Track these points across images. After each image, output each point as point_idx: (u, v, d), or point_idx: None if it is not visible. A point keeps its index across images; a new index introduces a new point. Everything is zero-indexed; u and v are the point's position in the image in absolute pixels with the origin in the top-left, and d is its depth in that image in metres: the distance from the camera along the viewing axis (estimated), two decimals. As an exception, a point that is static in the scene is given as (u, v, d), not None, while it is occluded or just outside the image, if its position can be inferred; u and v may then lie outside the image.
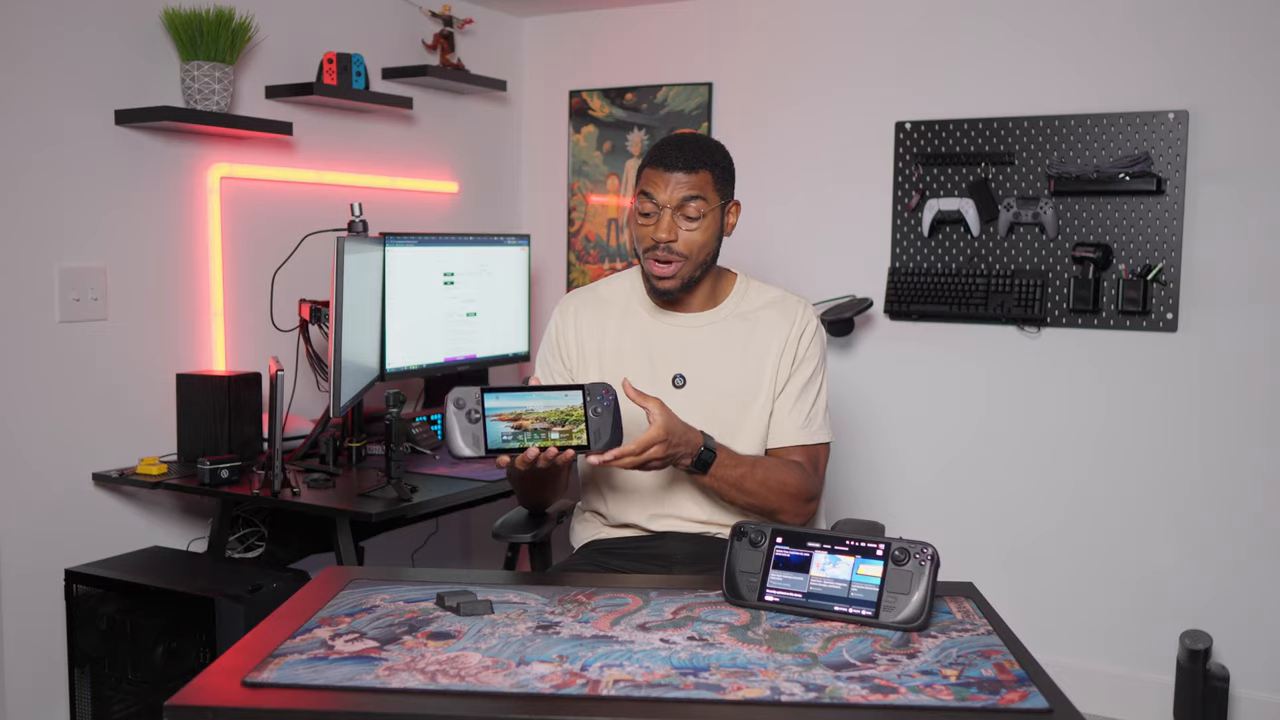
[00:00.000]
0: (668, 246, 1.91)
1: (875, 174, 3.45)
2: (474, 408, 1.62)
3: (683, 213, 1.91)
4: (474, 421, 1.62)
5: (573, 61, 3.96)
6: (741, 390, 1.99)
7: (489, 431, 1.62)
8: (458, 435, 1.61)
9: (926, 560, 1.47)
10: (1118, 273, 3.12)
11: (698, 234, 1.92)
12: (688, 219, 1.91)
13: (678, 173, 1.90)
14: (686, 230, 1.91)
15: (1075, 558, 3.26)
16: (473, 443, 1.62)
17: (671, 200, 1.90)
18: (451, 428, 1.61)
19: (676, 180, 1.90)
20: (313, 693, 1.24)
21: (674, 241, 1.91)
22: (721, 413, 1.97)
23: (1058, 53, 3.20)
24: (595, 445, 1.67)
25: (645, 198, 1.93)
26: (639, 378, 1.99)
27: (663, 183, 1.91)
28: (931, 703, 1.23)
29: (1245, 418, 3.04)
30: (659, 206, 1.91)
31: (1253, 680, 3.05)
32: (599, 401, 1.67)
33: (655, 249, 1.92)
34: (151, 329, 2.83)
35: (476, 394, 1.62)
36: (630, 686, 1.26)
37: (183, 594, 2.40)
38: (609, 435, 1.67)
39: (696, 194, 1.91)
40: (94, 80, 2.67)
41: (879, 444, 3.52)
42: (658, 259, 1.93)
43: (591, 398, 1.67)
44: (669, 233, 1.90)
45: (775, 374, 2.01)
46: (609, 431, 1.67)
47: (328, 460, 2.77)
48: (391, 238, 3.08)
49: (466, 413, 1.62)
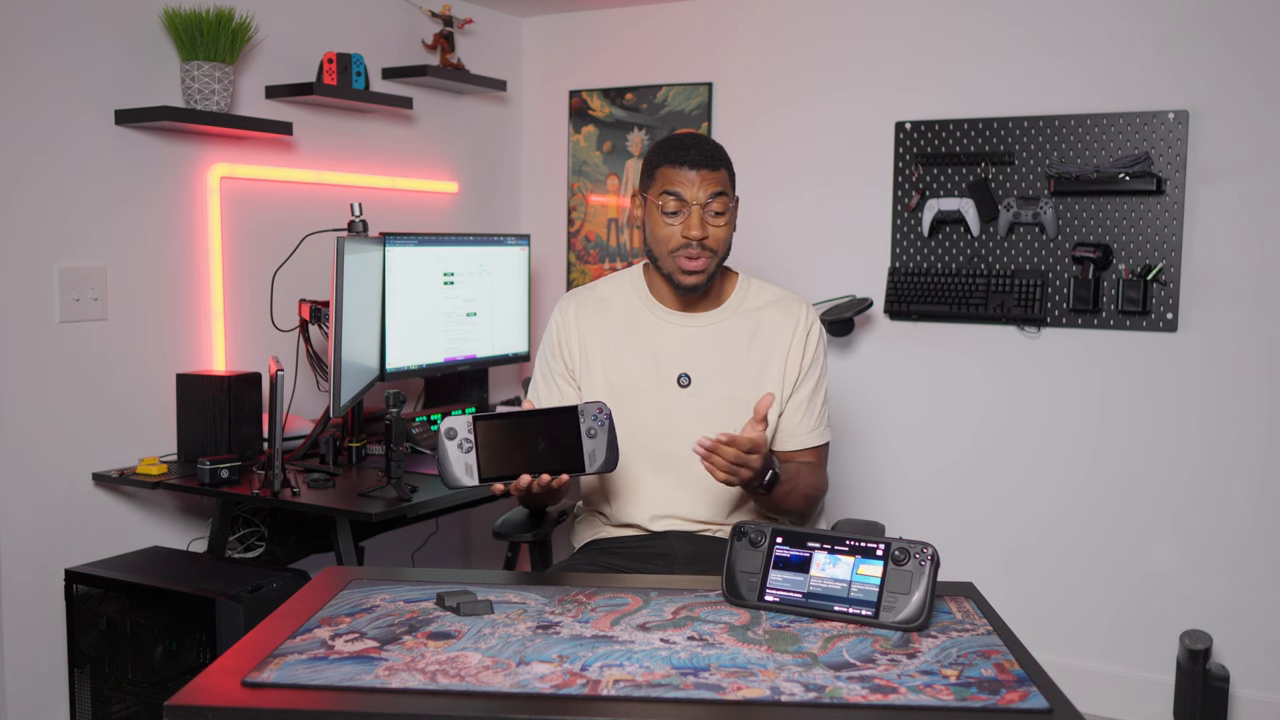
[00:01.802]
0: (700, 244, 1.93)
1: (875, 174, 3.45)
2: (466, 437, 1.60)
3: (711, 209, 1.94)
4: (466, 451, 1.60)
5: (573, 61, 3.96)
6: (746, 390, 2.00)
7: (482, 459, 1.61)
8: (451, 465, 1.60)
9: (926, 560, 1.47)
10: (1118, 273, 3.12)
11: (724, 229, 1.96)
12: (716, 214, 1.95)
13: (703, 169, 1.94)
14: (715, 226, 1.95)
15: (1075, 558, 3.26)
16: (466, 472, 1.61)
17: (700, 198, 1.93)
18: (444, 458, 1.60)
19: (703, 178, 1.93)
20: (313, 693, 1.24)
21: (706, 237, 1.93)
22: (726, 412, 1.97)
23: (1058, 53, 3.20)
24: (591, 467, 1.64)
25: (670, 197, 1.94)
26: (643, 377, 1.99)
27: (688, 181, 1.93)
28: (931, 703, 1.23)
29: (1245, 418, 3.04)
30: (687, 204, 1.93)
31: (1253, 680, 3.05)
32: (594, 421, 1.64)
33: (687, 246, 1.94)
34: (151, 329, 2.83)
35: (468, 423, 1.60)
36: (630, 686, 1.26)
37: (183, 594, 2.40)
38: (604, 456, 1.64)
39: (721, 190, 1.95)
40: (94, 80, 2.67)
41: (879, 444, 3.52)
42: (689, 256, 1.94)
43: (585, 418, 1.64)
44: (701, 229, 1.93)
45: (782, 376, 2.02)
46: (604, 452, 1.64)
47: (328, 460, 2.77)
48: (391, 238, 3.08)
49: (458, 443, 1.60)
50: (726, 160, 1.99)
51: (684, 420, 1.97)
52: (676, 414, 1.98)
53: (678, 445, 1.95)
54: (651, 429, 1.99)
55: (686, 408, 1.96)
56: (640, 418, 1.98)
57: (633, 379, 2.00)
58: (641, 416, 1.98)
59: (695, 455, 1.94)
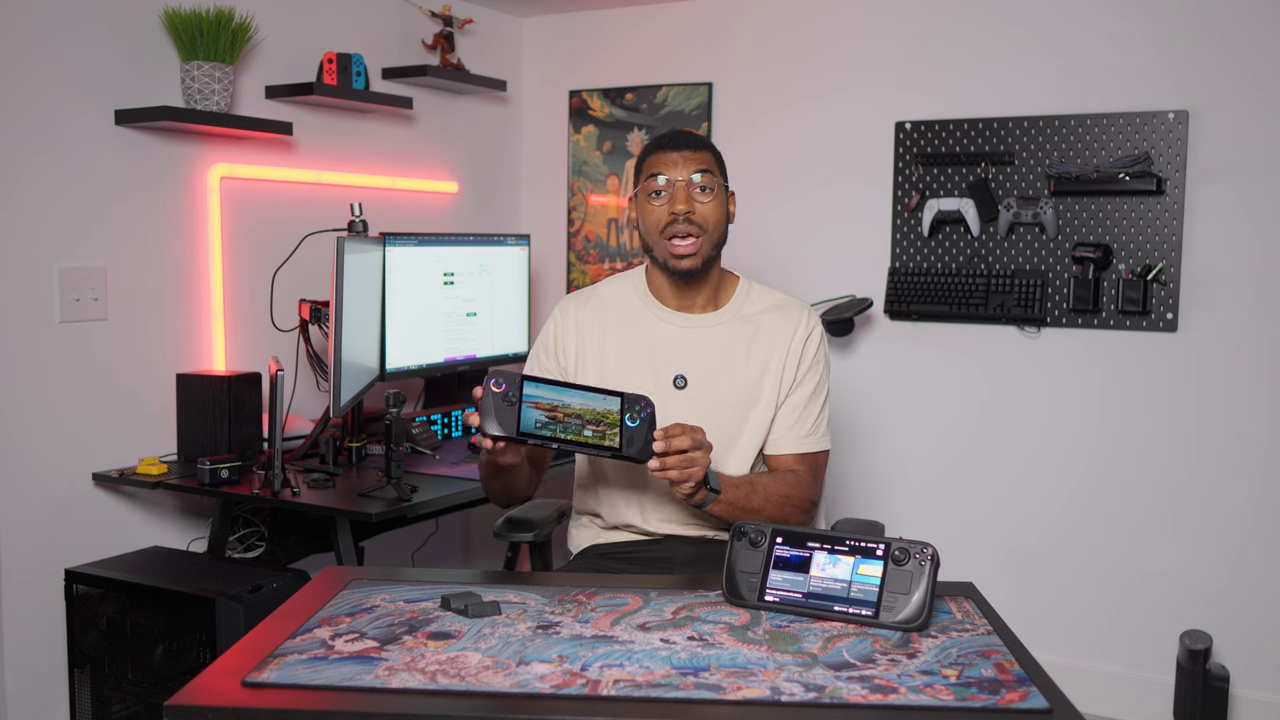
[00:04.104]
0: (686, 218, 1.93)
1: (875, 174, 3.45)
2: (513, 391, 1.61)
3: (697, 185, 1.95)
4: (510, 404, 1.61)
5: (573, 61, 3.96)
6: (743, 394, 1.99)
7: (524, 416, 1.61)
8: (493, 415, 1.60)
9: (926, 560, 1.47)
10: (1118, 273, 3.12)
11: (712, 206, 1.96)
12: (702, 190, 1.95)
13: (685, 150, 1.95)
14: (701, 202, 1.95)
15: (1075, 557, 3.26)
16: (506, 424, 1.61)
17: (684, 175, 1.94)
18: (488, 407, 1.60)
19: (685, 158, 1.95)
20: (313, 693, 1.24)
21: (692, 212, 1.93)
22: (721, 416, 1.96)
23: (1058, 53, 3.20)
24: (628, 450, 1.66)
25: (655, 179, 1.95)
26: (640, 378, 1.99)
27: (671, 162, 1.95)
28: (931, 703, 1.23)
29: (1244, 418, 3.04)
30: (671, 183, 1.94)
31: (1253, 680, 3.05)
32: (637, 411, 1.67)
33: (674, 223, 1.93)
34: (151, 329, 2.83)
35: (517, 379, 1.62)
36: (630, 686, 1.26)
37: (183, 594, 2.40)
38: (641, 444, 1.67)
39: (706, 168, 1.95)
40: (94, 80, 2.67)
41: (879, 444, 3.52)
42: (677, 234, 1.94)
43: (630, 407, 1.67)
44: (687, 203, 1.93)
45: (779, 380, 2.00)
46: (642, 441, 1.67)
47: (328, 460, 2.77)
48: (391, 238, 3.08)
49: (505, 394, 1.61)
50: (712, 146, 2.01)
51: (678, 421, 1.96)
52: (672, 415, 1.97)
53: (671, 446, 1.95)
54: None
55: (682, 410, 1.96)
56: None
57: (629, 378, 2.00)
58: None
59: None
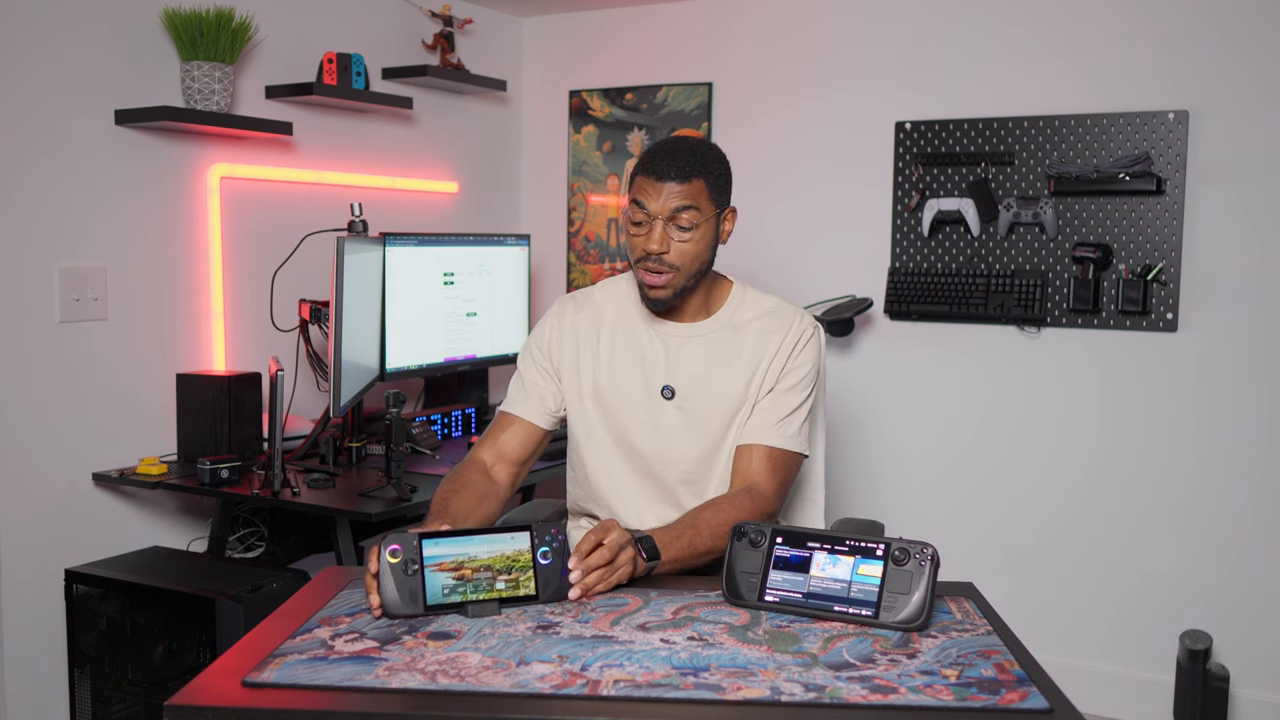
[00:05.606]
0: (659, 258, 1.86)
1: (875, 174, 3.45)
2: (411, 559, 1.48)
3: (675, 223, 1.84)
4: (411, 575, 1.47)
5: (573, 61, 3.96)
6: (729, 404, 1.95)
7: (428, 585, 1.48)
8: (393, 591, 1.46)
9: (926, 560, 1.47)
10: (1118, 273, 3.12)
11: (690, 245, 1.86)
12: (680, 229, 1.85)
13: (670, 182, 1.83)
14: (679, 241, 1.85)
15: (1075, 558, 3.26)
16: (410, 599, 1.47)
17: (663, 211, 1.84)
18: (386, 584, 1.46)
19: (669, 190, 1.83)
20: (313, 693, 1.24)
21: (665, 253, 1.85)
22: (708, 426, 1.95)
23: (1057, 53, 3.20)
24: (544, 595, 1.53)
25: (637, 207, 1.86)
26: (631, 386, 1.98)
27: (654, 192, 1.84)
28: (931, 703, 1.23)
29: (1245, 418, 3.04)
30: (650, 217, 1.85)
31: (1253, 680, 3.05)
32: (549, 543, 1.54)
33: (646, 259, 1.87)
34: (151, 329, 2.83)
35: (414, 543, 1.48)
36: (630, 686, 1.26)
37: (183, 594, 2.40)
38: (559, 581, 1.54)
39: (689, 204, 1.84)
40: (94, 80, 2.67)
41: (879, 444, 3.52)
42: (649, 269, 1.87)
43: (540, 540, 1.54)
44: (661, 244, 1.84)
45: (761, 384, 1.96)
46: (558, 578, 1.54)
47: (328, 460, 2.77)
48: (391, 238, 3.08)
49: (403, 565, 1.47)
50: (710, 170, 1.87)
51: (668, 432, 1.95)
52: (663, 426, 1.96)
53: (662, 455, 1.95)
54: (638, 438, 1.97)
55: (670, 421, 1.94)
56: (627, 425, 1.97)
57: (621, 387, 1.98)
58: (628, 424, 1.97)
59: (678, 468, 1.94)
